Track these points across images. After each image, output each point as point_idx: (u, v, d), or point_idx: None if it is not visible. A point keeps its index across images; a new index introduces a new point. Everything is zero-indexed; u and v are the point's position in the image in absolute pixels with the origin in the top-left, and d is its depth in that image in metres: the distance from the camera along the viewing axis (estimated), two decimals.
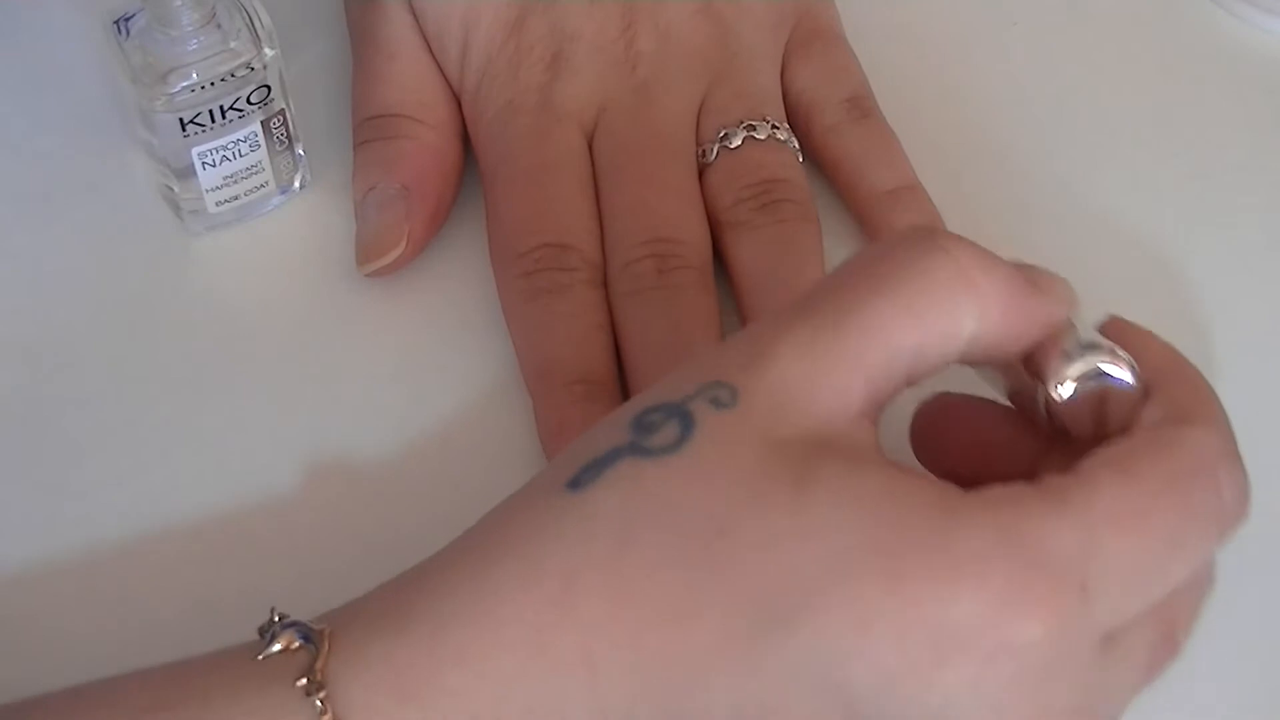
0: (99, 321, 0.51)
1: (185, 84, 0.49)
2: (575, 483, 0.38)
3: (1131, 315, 0.51)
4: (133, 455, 0.49)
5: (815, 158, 0.54)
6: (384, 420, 0.49)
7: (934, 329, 0.39)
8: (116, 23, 0.50)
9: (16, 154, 0.55)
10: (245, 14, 0.50)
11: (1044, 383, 0.41)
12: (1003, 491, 0.37)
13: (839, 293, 0.39)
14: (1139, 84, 0.57)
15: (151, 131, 0.50)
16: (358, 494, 0.48)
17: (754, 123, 0.52)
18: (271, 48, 0.50)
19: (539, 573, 0.37)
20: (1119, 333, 0.42)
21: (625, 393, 0.49)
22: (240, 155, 0.51)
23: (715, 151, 0.52)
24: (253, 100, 0.50)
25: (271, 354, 0.51)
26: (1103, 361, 0.41)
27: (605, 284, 0.50)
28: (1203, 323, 0.52)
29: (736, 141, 0.52)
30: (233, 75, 0.50)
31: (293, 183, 0.53)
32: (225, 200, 0.52)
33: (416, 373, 0.50)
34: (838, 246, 0.52)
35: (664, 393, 0.39)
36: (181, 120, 0.50)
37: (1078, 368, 0.41)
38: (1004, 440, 0.43)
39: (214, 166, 0.51)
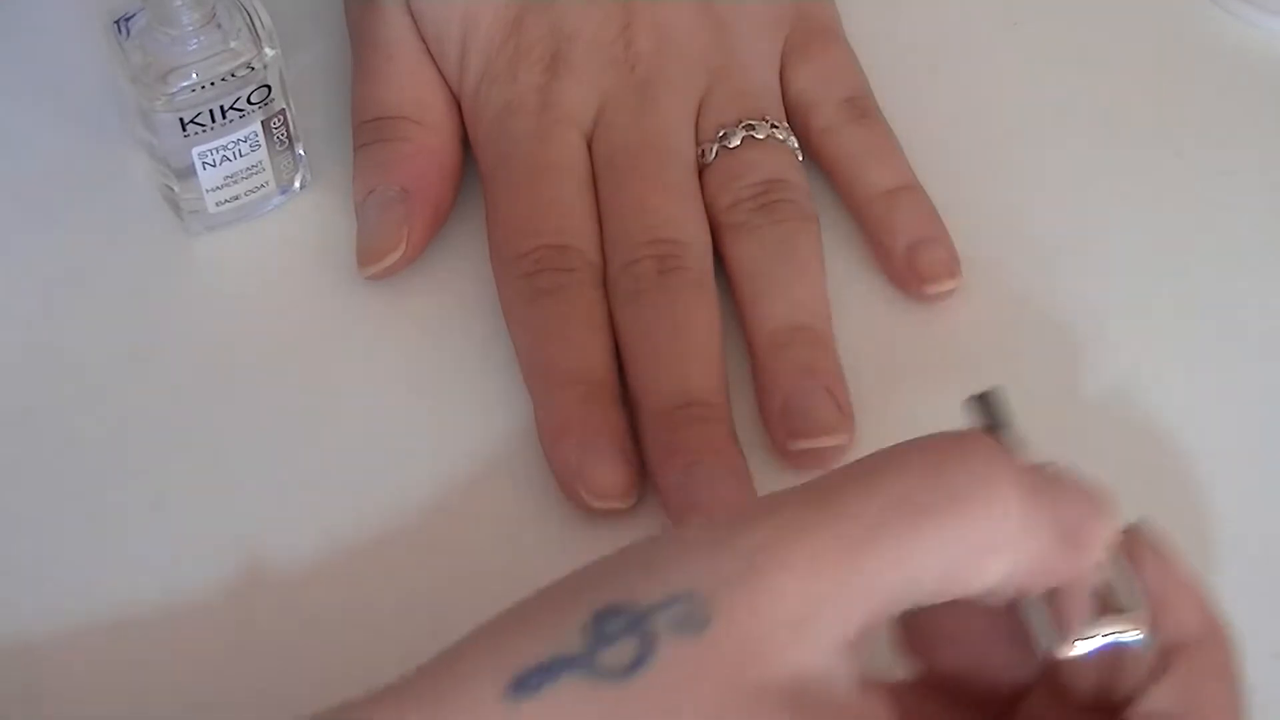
0: (99, 321, 0.51)
1: (185, 84, 0.49)
2: (518, 687, 0.34)
3: (1132, 315, 0.51)
4: (133, 454, 0.49)
5: (814, 157, 0.54)
6: (384, 420, 0.49)
7: (961, 576, 0.36)
8: (116, 23, 0.50)
9: (16, 154, 0.55)
10: (245, 14, 0.50)
11: (1053, 634, 0.37)
12: None
13: (860, 506, 0.35)
14: (1139, 84, 0.57)
15: (151, 131, 0.50)
16: (358, 494, 0.48)
17: (753, 122, 0.52)
18: (272, 47, 0.50)
19: None
20: (1155, 571, 0.38)
21: (624, 393, 0.49)
22: (240, 155, 0.51)
23: (714, 151, 0.52)
24: (253, 100, 0.50)
25: (271, 354, 0.51)
26: (1118, 630, 0.37)
27: (605, 284, 0.50)
28: (1203, 323, 0.52)
29: (735, 141, 0.52)
30: (233, 75, 0.50)
31: (293, 183, 0.53)
32: (225, 200, 0.52)
33: (416, 372, 0.50)
34: (837, 246, 0.52)
35: (631, 589, 0.35)
36: (182, 120, 0.50)
37: (1090, 635, 0.37)
38: (994, 662, 0.39)
39: (214, 166, 0.51)
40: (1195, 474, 0.49)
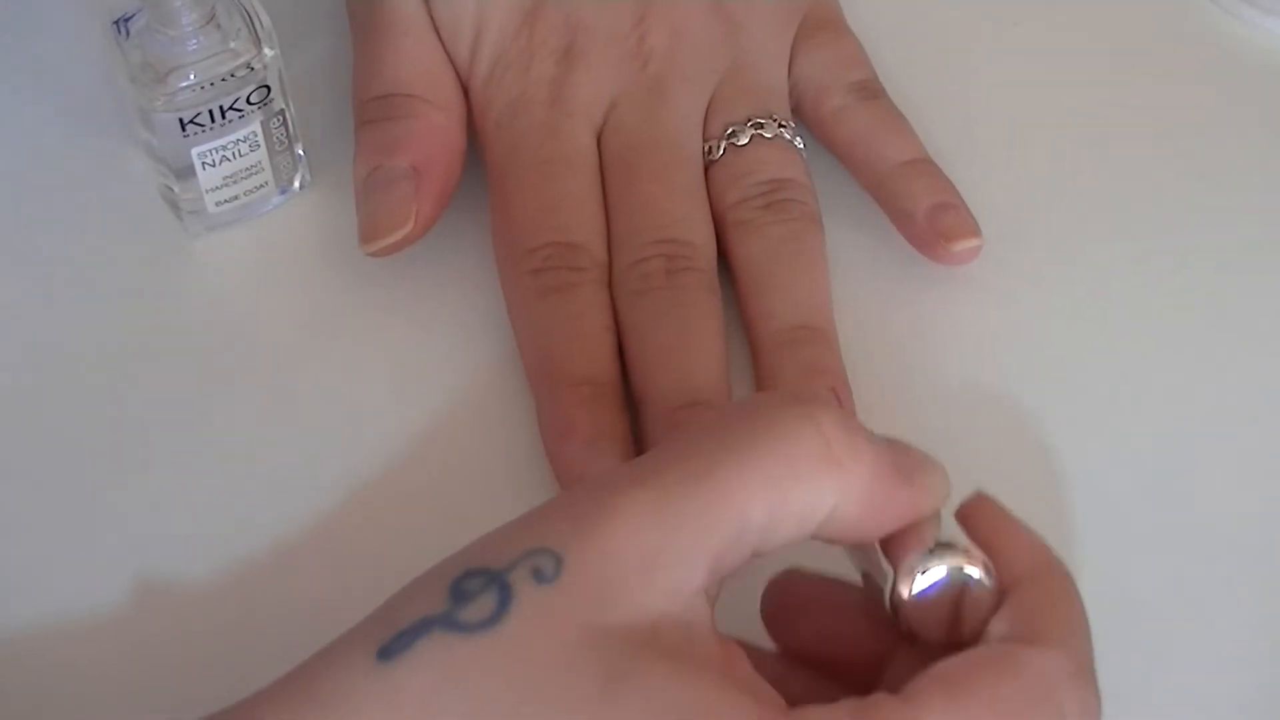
0: (99, 321, 0.51)
1: (185, 84, 0.49)
2: (385, 652, 0.36)
3: (1131, 316, 0.51)
4: (133, 455, 0.49)
5: (826, 141, 0.54)
6: (385, 420, 0.49)
7: (791, 506, 0.37)
8: (116, 23, 0.50)
9: (16, 154, 0.55)
10: (245, 14, 0.50)
11: (894, 578, 0.39)
12: (821, 714, 0.36)
13: (693, 454, 0.37)
14: (1139, 84, 0.57)
15: (151, 131, 0.50)
16: (358, 493, 0.48)
17: (762, 120, 0.52)
18: (271, 48, 0.50)
19: None
20: (988, 524, 0.40)
21: (628, 394, 0.48)
22: (240, 155, 0.51)
23: (722, 148, 0.52)
24: (252, 100, 0.50)
25: (271, 354, 0.51)
26: (955, 565, 0.38)
27: (610, 283, 0.50)
28: (1203, 323, 0.52)
29: (744, 139, 0.52)
30: (232, 75, 0.50)
31: (292, 183, 0.53)
32: (225, 200, 0.52)
33: (417, 372, 0.50)
34: (841, 247, 0.52)
35: (490, 552, 0.37)
36: (181, 120, 0.50)
37: (927, 568, 0.38)
38: (852, 631, 0.41)
39: (214, 166, 0.51)
40: (1195, 474, 0.49)
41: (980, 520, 0.40)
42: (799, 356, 0.49)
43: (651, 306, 0.49)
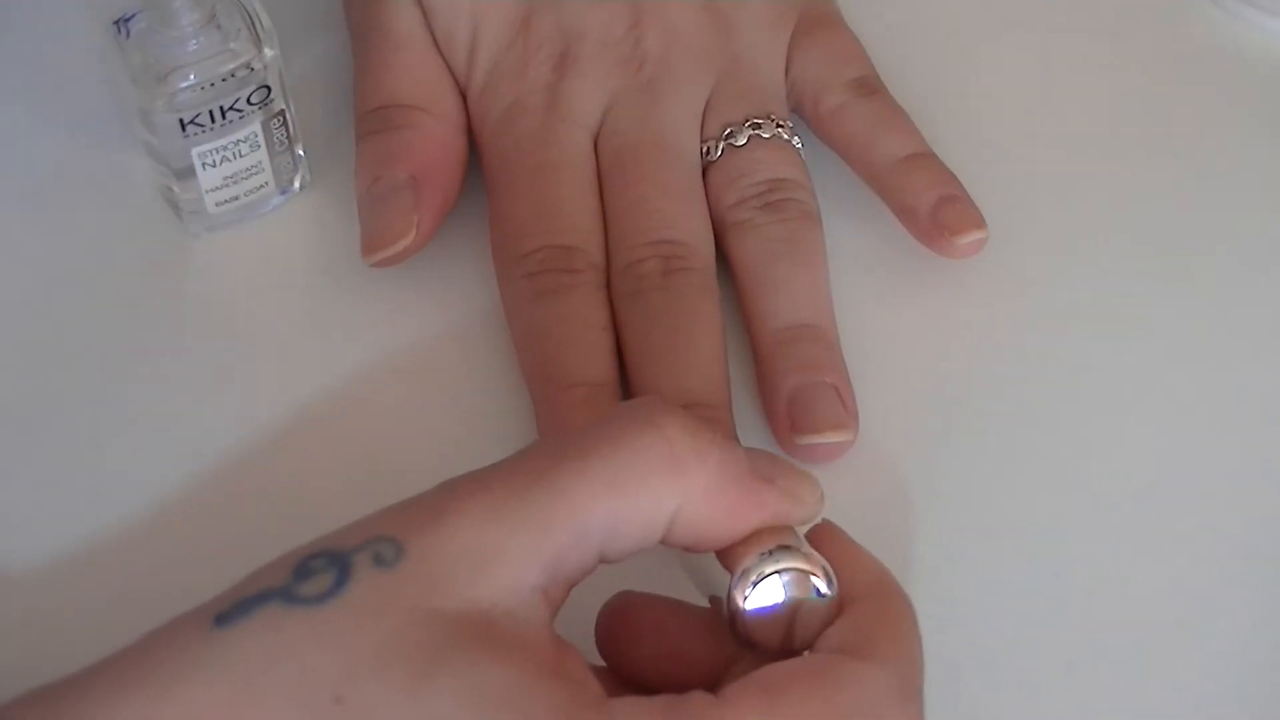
0: (99, 322, 0.51)
1: (185, 84, 0.49)
2: (222, 619, 0.37)
3: (1131, 316, 0.51)
4: (133, 455, 0.49)
5: (826, 138, 0.53)
6: (383, 421, 0.49)
7: (633, 507, 0.38)
8: (116, 23, 0.50)
9: (16, 154, 0.55)
10: (245, 14, 0.50)
11: (731, 586, 0.39)
12: (636, 706, 0.36)
13: (539, 457, 0.38)
14: (1139, 84, 0.57)
15: (151, 132, 0.50)
16: (356, 494, 0.48)
17: (759, 120, 0.52)
18: (271, 48, 0.50)
19: (159, 712, 0.36)
20: (832, 545, 0.40)
21: (626, 395, 0.48)
22: (240, 155, 0.51)
23: (720, 149, 0.52)
24: (253, 101, 0.50)
25: (271, 354, 0.51)
26: (793, 568, 0.38)
27: (608, 285, 0.50)
28: (1203, 322, 0.52)
29: (741, 140, 0.52)
30: (232, 75, 0.50)
31: (293, 183, 0.53)
32: (225, 200, 0.52)
33: (416, 373, 0.50)
34: (841, 246, 0.52)
35: (338, 538, 0.38)
36: (181, 121, 0.50)
37: (765, 571, 0.38)
38: (690, 650, 0.41)
39: (214, 167, 0.51)
40: (1195, 474, 0.49)
41: (824, 540, 0.40)
42: (799, 355, 0.49)
43: (647, 307, 0.49)
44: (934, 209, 0.51)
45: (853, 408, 0.48)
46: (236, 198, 0.52)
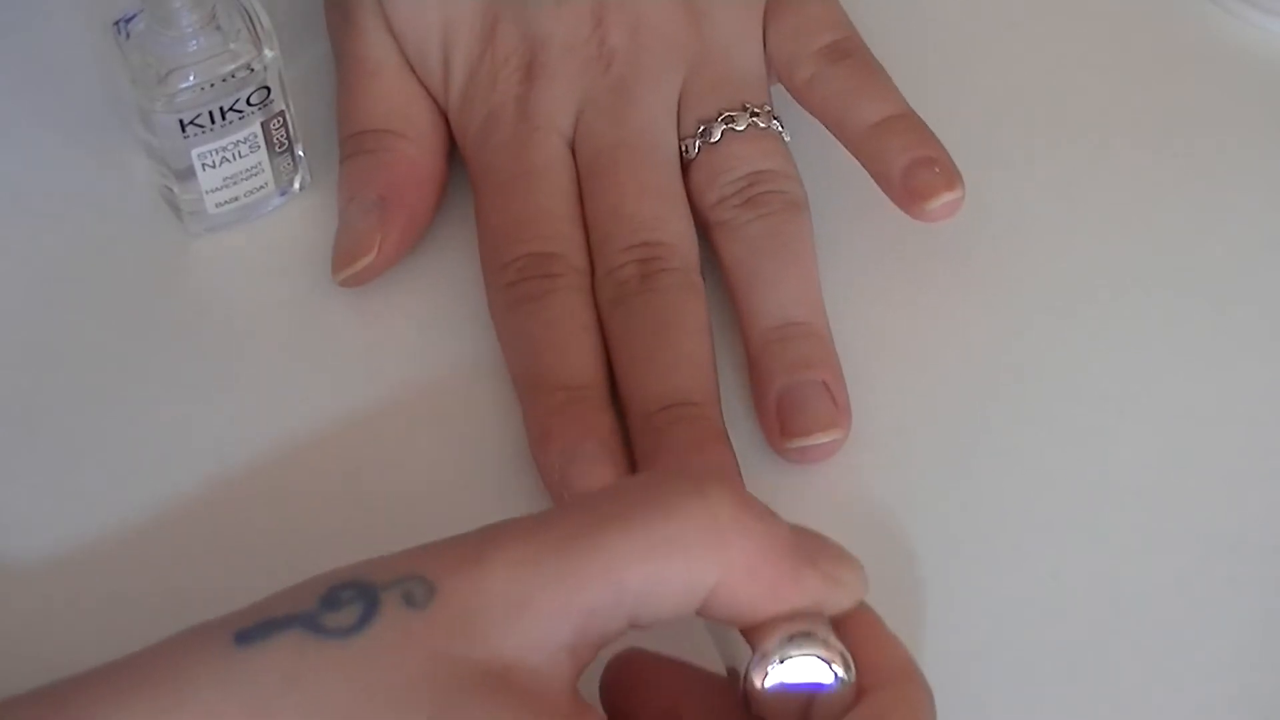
0: (99, 322, 0.51)
1: (185, 85, 0.49)
2: (243, 637, 0.36)
3: (1130, 315, 0.51)
4: (132, 455, 0.49)
5: (809, 111, 0.53)
6: (381, 422, 0.49)
7: (671, 577, 0.37)
8: (116, 24, 0.50)
9: (16, 154, 0.55)
10: (245, 15, 0.50)
11: (750, 667, 0.38)
12: None
13: (580, 515, 0.38)
14: (1139, 84, 0.57)
15: (151, 132, 0.50)
16: (353, 496, 0.48)
17: (732, 113, 0.52)
18: (271, 49, 0.50)
19: (171, 717, 0.36)
20: (861, 627, 0.39)
21: (616, 398, 0.48)
22: (240, 156, 0.51)
23: (696, 148, 0.52)
24: (252, 101, 0.50)
25: (270, 354, 0.51)
26: (812, 655, 0.38)
27: (593, 289, 0.50)
28: (1203, 322, 0.52)
29: (716, 136, 0.52)
30: (232, 76, 0.50)
31: (292, 184, 0.53)
32: (225, 201, 0.52)
33: (413, 375, 0.50)
34: (833, 238, 0.52)
35: (371, 569, 0.38)
36: (181, 121, 0.50)
37: (785, 656, 0.37)
38: (693, 714, 0.40)
39: (214, 168, 0.51)
40: (1196, 473, 0.49)
41: (856, 623, 0.39)
42: (790, 353, 0.48)
43: (629, 312, 0.49)
44: (905, 173, 0.50)
45: (844, 403, 0.48)
46: (236, 198, 0.52)
